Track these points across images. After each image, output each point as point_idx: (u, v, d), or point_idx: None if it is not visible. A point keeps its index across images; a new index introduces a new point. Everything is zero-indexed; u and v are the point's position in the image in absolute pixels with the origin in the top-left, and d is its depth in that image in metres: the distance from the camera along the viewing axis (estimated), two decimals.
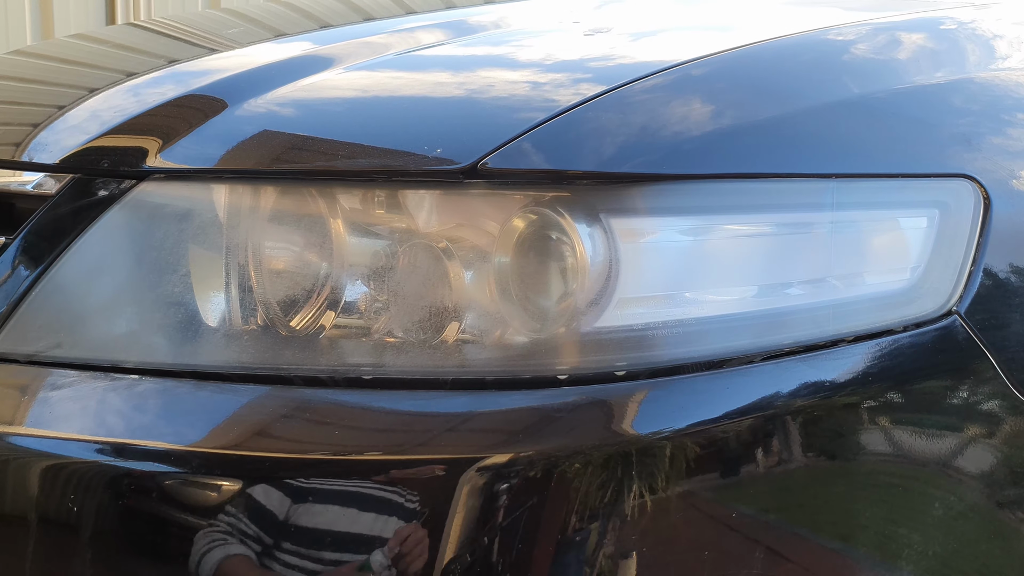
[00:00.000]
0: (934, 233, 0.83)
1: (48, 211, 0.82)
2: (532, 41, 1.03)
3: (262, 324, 0.77)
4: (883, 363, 0.79)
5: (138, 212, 0.80)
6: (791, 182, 0.79)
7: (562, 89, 0.81)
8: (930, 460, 0.80)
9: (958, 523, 0.83)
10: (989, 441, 0.84)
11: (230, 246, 0.78)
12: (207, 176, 0.79)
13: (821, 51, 0.91)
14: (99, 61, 1.29)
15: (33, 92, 1.16)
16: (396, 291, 0.76)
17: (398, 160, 0.75)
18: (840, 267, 0.80)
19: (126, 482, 0.71)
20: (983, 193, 0.85)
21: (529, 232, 0.74)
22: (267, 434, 0.71)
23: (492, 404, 0.70)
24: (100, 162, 0.84)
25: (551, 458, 0.68)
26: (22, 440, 0.74)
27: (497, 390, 0.71)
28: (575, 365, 0.72)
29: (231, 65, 1.02)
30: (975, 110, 0.92)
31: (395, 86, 0.90)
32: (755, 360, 0.74)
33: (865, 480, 0.78)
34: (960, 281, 0.83)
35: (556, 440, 0.69)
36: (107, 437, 0.73)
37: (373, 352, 0.75)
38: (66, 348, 0.78)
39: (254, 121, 0.83)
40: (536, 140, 0.73)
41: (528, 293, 0.74)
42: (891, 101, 0.88)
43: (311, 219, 0.77)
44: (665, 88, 0.80)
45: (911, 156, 0.85)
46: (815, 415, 0.75)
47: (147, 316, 0.78)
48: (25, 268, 0.81)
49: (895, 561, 0.79)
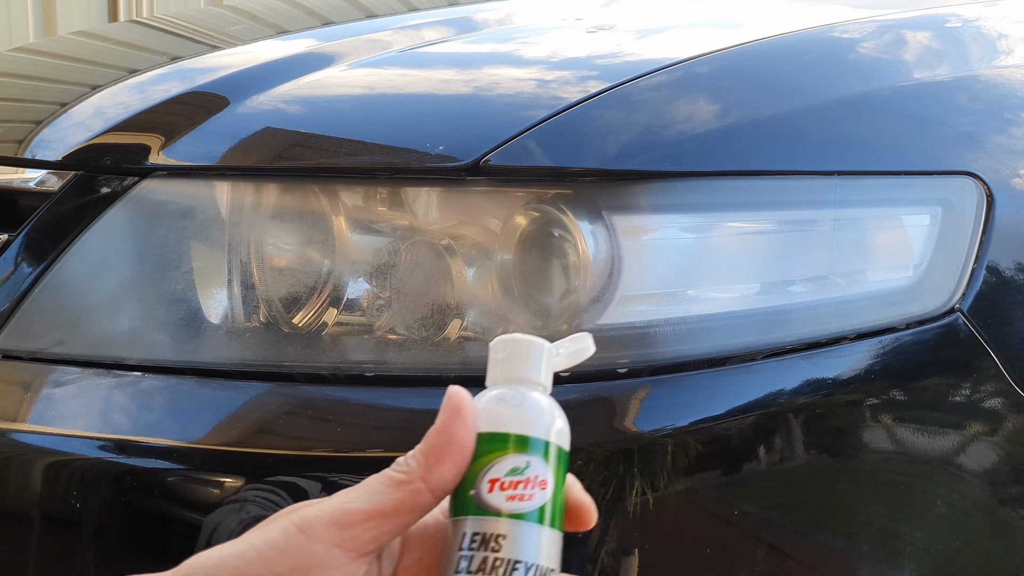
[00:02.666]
0: (937, 230, 0.83)
1: (51, 208, 0.82)
2: (535, 38, 1.03)
3: (264, 321, 0.77)
4: (886, 360, 0.78)
5: (141, 209, 0.80)
6: (794, 179, 0.79)
7: (565, 86, 0.81)
8: (933, 458, 0.80)
9: (961, 520, 0.82)
10: (991, 438, 0.84)
11: (232, 243, 0.78)
12: (210, 173, 0.79)
13: (825, 48, 0.91)
14: (102, 58, 1.29)
15: (36, 89, 1.16)
16: (398, 288, 0.76)
17: (400, 157, 0.75)
18: (843, 264, 0.80)
19: (129, 479, 0.71)
20: (986, 191, 0.84)
21: (531, 229, 0.74)
22: (270, 431, 0.71)
23: None
24: (103, 159, 0.84)
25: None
26: (25, 437, 0.75)
27: None
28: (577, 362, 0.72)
29: (234, 62, 1.02)
30: (979, 108, 0.92)
31: (397, 83, 0.90)
32: (757, 358, 0.74)
33: (867, 477, 0.78)
34: (963, 279, 0.83)
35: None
36: (110, 434, 0.73)
37: (375, 349, 0.75)
38: (69, 345, 0.78)
39: (257, 118, 0.83)
40: (538, 137, 0.73)
41: (530, 290, 0.74)
42: (895, 98, 0.87)
43: (313, 216, 0.77)
44: (668, 85, 0.80)
45: (914, 153, 0.85)
46: (817, 413, 0.75)
47: (150, 313, 0.78)
48: (28, 265, 0.81)
49: (897, 558, 0.79)
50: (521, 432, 0.44)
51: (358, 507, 0.41)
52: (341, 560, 0.40)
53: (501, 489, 0.43)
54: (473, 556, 0.42)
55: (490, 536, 0.43)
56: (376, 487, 0.42)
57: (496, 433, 0.44)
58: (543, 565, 0.43)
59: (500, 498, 0.43)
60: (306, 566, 0.39)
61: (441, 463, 0.42)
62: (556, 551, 0.44)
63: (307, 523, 0.40)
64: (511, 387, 0.46)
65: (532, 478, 0.44)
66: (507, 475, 0.43)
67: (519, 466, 0.44)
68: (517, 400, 0.45)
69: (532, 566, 0.43)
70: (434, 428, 0.43)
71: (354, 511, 0.41)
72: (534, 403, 0.45)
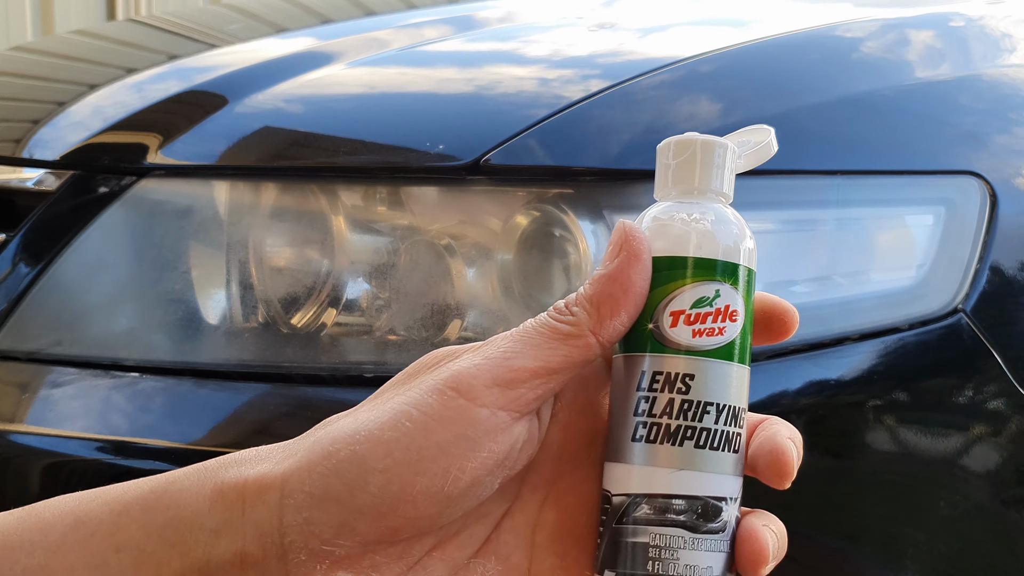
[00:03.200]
0: (940, 230, 0.83)
1: (49, 208, 0.81)
2: (536, 37, 1.03)
3: (263, 321, 0.76)
4: (888, 361, 0.78)
5: (139, 209, 0.80)
6: (796, 179, 0.78)
7: (566, 85, 0.81)
8: (935, 459, 0.80)
9: (964, 522, 0.82)
10: (995, 440, 0.83)
11: (231, 243, 0.77)
12: (208, 172, 0.79)
13: (828, 47, 0.90)
14: (99, 57, 1.29)
15: (34, 88, 1.15)
16: (398, 288, 0.75)
17: (400, 156, 0.75)
18: (845, 264, 0.80)
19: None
20: (989, 190, 0.84)
21: (532, 229, 0.74)
22: (268, 432, 0.71)
23: None
24: (100, 158, 0.83)
25: None
26: (22, 438, 0.74)
27: None
28: None
29: (232, 61, 1.02)
30: (982, 107, 0.91)
31: (397, 82, 0.89)
32: (760, 358, 0.73)
33: (870, 479, 0.77)
34: (966, 279, 0.82)
35: None
36: (108, 435, 0.72)
37: (375, 350, 0.74)
38: (66, 345, 0.78)
39: (255, 117, 0.83)
40: (539, 136, 0.73)
41: (531, 290, 0.74)
42: (898, 97, 0.87)
43: (312, 216, 0.77)
44: (670, 84, 0.80)
45: (917, 153, 0.85)
46: (820, 413, 0.74)
47: (148, 313, 0.78)
48: (25, 265, 0.80)
49: (900, 560, 0.79)
50: (709, 256, 0.38)
51: (523, 364, 0.36)
52: (506, 422, 0.35)
53: (687, 323, 0.37)
54: (656, 398, 0.37)
55: (675, 376, 0.37)
56: (538, 340, 0.36)
57: (678, 257, 0.38)
58: (735, 405, 0.38)
59: (686, 333, 0.37)
60: (471, 434, 0.35)
61: (616, 315, 0.37)
62: (746, 387, 0.39)
63: (466, 384, 0.35)
64: (691, 200, 0.40)
65: (722, 308, 0.38)
66: (693, 306, 0.38)
67: (707, 295, 0.38)
68: (701, 216, 0.39)
69: (725, 407, 0.38)
70: (606, 273, 0.37)
71: (519, 369, 0.35)
72: (722, 218, 0.39)
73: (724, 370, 0.38)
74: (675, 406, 0.37)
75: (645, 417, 0.37)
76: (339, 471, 0.34)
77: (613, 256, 0.37)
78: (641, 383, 0.38)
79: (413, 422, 0.34)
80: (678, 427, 0.37)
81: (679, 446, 0.37)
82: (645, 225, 0.39)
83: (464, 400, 0.35)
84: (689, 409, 0.37)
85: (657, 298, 0.38)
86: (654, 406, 0.37)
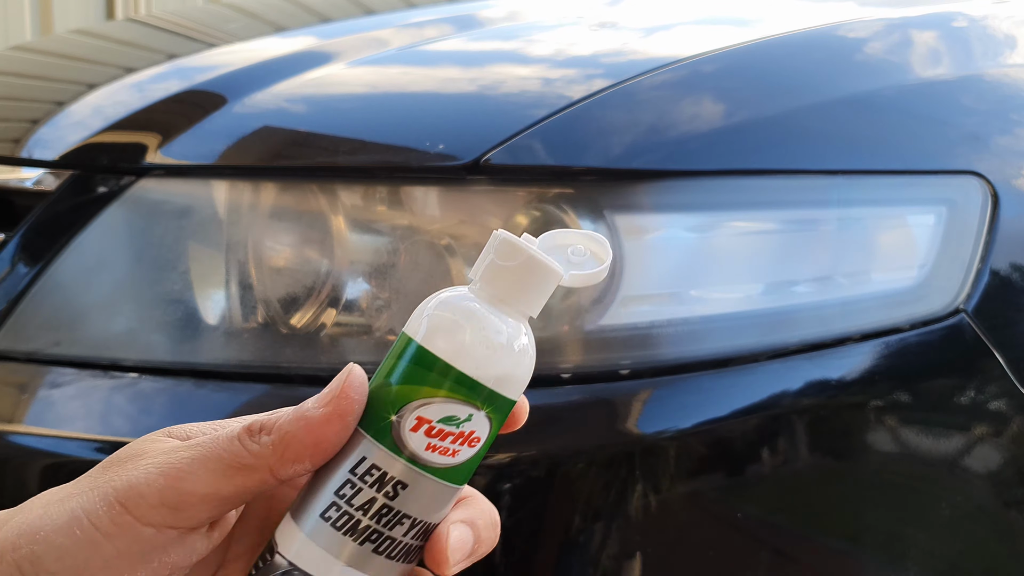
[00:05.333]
0: (942, 230, 0.83)
1: (47, 208, 0.81)
2: (537, 36, 1.03)
3: (262, 322, 0.76)
4: (890, 362, 0.78)
5: (137, 209, 0.80)
6: (798, 178, 0.78)
7: (567, 84, 0.80)
8: (937, 460, 0.80)
9: (965, 523, 0.82)
10: (996, 440, 0.83)
11: (230, 243, 0.77)
12: (207, 172, 0.79)
13: (830, 47, 0.90)
14: (99, 57, 1.29)
15: (32, 88, 1.15)
16: (398, 289, 0.75)
17: (400, 156, 0.75)
18: (847, 265, 0.80)
19: None
20: (991, 190, 0.84)
21: (532, 229, 0.74)
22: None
23: None
24: (99, 158, 0.83)
25: (554, 458, 0.68)
26: (21, 439, 0.74)
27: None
28: (579, 364, 0.71)
29: (231, 60, 1.02)
30: (984, 107, 0.91)
31: (397, 81, 0.89)
32: (761, 359, 0.73)
33: (871, 480, 0.77)
34: (968, 279, 0.82)
35: (559, 439, 0.69)
36: (107, 435, 0.72)
37: (375, 350, 0.74)
38: (65, 346, 0.78)
39: (255, 116, 0.82)
40: (540, 136, 0.73)
41: None
42: (900, 97, 0.87)
43: (312, 216, 0.77)
44: (671, 84, 0.79)
45: (919, 153, 0.85)
46: (821, 414, 0.74)
47: (146, 314, 0.78)
48: (24, 265, 0.80)
49: (902, 562, 0.78)
50: (479, 379, 0.36)
51: (193, 488, 0.36)
52: (174, 537, 0.36)
53: (427, 434, 0.36)
54: (360, 489, 0.36)
55: (389, 479, 0.36)
56: (215, 465, 0.36)
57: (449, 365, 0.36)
58: (432, 522, 0.37)
59: (421, 443, 0.36)
60: (137, 549, 0.36)
61: (299, 462, 0.36)
62: (452, 504, 0.38)
63: (134, 502, 0.35)
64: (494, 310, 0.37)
65: (466, 433, 0.36)
66: (441, 421, 0.36)
67: (458, 416, 0.36)
68: (494, 334, 0.36)
69: (420, 523, 0.37)
70: (308, 417, 0.36)
71: (188, 493, 0.36)
72: (512, 343, 0.37)
73: (438, 490, 0.37)
74: (374, 507, 0.36)
75: (343, 503, 0.37)
76: (20, 567, 0.36)
77: (324, 402, 0.37)
78: (357, 467, 0.36)
79: (83, 531, 0.35)
80: (367, 527, 0.37)
81: (358, 545, 0.37)
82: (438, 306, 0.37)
83: (130, 517, 0.36)
84: (386, 515, 0.36)
85: (411, 394, 0.36)
86: (356, 497, 0.36)
